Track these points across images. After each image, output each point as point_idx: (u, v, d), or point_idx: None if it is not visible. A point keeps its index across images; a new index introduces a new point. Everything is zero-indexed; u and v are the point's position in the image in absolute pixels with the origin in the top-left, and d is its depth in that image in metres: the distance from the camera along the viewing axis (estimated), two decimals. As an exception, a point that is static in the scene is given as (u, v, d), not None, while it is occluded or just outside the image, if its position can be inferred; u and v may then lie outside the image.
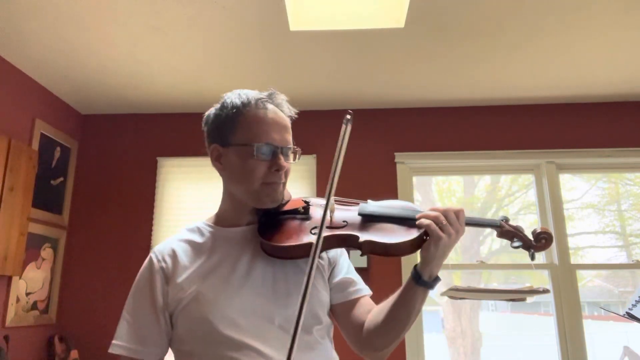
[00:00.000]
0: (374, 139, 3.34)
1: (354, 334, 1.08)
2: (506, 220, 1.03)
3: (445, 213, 0.97)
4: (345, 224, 1.03)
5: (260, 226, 1.08)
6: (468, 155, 3.28)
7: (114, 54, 2.66)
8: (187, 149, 3.33)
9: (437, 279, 0.99)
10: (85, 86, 3.05)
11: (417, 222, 0.98)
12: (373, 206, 1.07)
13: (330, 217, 1.05)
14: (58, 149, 3.18)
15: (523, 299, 2.83)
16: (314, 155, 3.28)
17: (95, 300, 3.13)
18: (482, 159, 3.28)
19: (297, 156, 1.12)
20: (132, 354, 1.03)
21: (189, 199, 3.27)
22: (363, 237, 0.99)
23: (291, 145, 1.10)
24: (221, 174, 1.12)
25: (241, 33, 2.47)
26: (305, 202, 1.11)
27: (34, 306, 2.94)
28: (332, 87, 3.08)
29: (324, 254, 1.12)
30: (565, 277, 3.05)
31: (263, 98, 1.09)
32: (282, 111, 1.11)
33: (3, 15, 2.31)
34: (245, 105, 1.07)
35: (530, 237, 1.03)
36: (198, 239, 1.10)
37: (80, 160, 3.39)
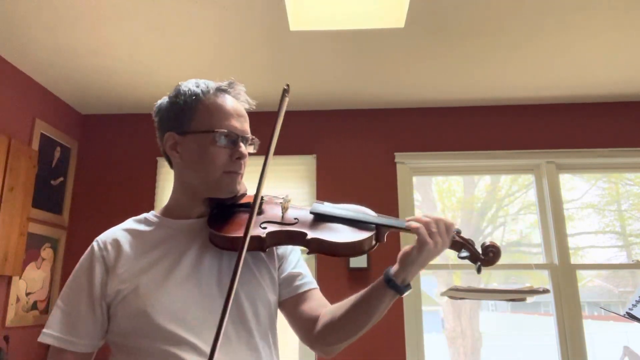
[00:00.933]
0: (374, 139, 3.34)
1: (304, 328, 1.05)
2: (458, 232, 1.02)
3: (436, 221, 0.95)
4: (296, 221, 1.03)
5: (210, 218, 1.06)
6: (468, 155, 3.28)
7: (114, 54, 2.66)
8: (187, 149, 3.32)
9: (408, 286, 0.97)
10: (85, 86, 3.05)
11: (406, 224, 0.97)
12: (326, 206, 1.06)
13: (283, 213, 1.05)
14: (58, 149, 3.18)
15: (523, 299, 2.83)
16: (314, 155, 3.28)
17: (95, 300, 3.13)
18: (482, 159, 3.28)
19: (255, 147, 1.10)
20: (63, 344, 0.99)
21: (189, 199, 3.26)
22: (311, 234, 0.98)
23: (249, 135, 1.08)
24: (176, 164, 1.10)
25: (241, 33, 2.47)
26: (261, 197, 1.09)
27: (34, 306, 2.94)
28: (332, 87, 3.08)
29: (274, 251, 1.10)
30: (565, 277, 3.05)
31: (222, 87, 1.09)
32: (240, 102, 1.10)
33: (3, 16, 2.31)
34: (205, 92, 1.06)
35: (479, 250, 1.02)
36: (144, 229, 1.07)
37: (80, 160, 3.39)
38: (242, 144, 1.04)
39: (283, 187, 3.23)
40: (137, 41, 2.54)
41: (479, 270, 1.01)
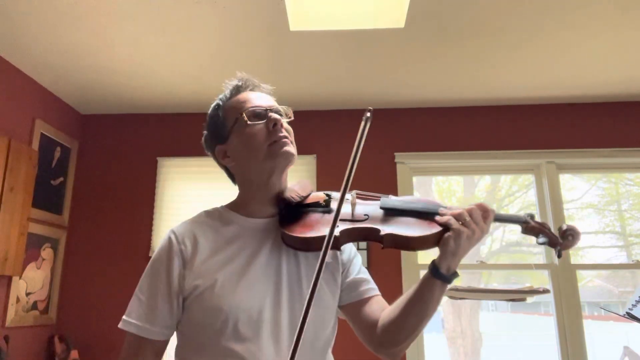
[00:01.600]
0: (374, 139, 3.33)
1: (368, 332, 1.07)
2: (532, 217, 1.02)
3: (470, 211, 0.97)
4: (366, 217, 1.03)
5: (281, 218, 1.07)
6: (468, 155, 3.28)
7: (114, 54, 2.66)
8: (187, 149, 3.33)
9: (455, 274, 0.98)
10: (85, 86, 3.05)
11: (436, 217, 0.98)
12: (395, 200, 1.06)
13: (352, 210, 1.04)
14: (58, 149, 3.18)
15: (523, 299, 2.83)
16: (314, 155, 3.28)
17: (95, 300, 3.13)
18: (482, 159, 3.28)
19: (290, 114, 1.14)
20: (142, 332, 1.02)
21: (189, 199, 3.27)
22: (385, 230, 0.98)
23: (278, 106, 1.12)
24: (233, 168, 1.13)
25: (241, 33, 2.47)
26: (327, 195, 1.11)
27: (34, 306, 2.94)
28: (332, 87, 3.08)
29: (338, 257, 1.12)
30: (565, 277, 3.05)
31: (236, 85, 1.16)
32: (259, 90, 1.17)
33: (3, 16, 2.31)
34: (224, 99, 1.14)
35: (557, 233, 1.02)
36: (220, 225, 1.09)
37: (80, 160, 3.39)
38: (271, 114, 1.08)
39: (283, 187, 3.23)
40: (137, 41, 2.54)
41: (559, 255, 1.01)
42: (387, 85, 3.07)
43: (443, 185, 4.13)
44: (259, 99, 1.11)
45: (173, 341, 1.07)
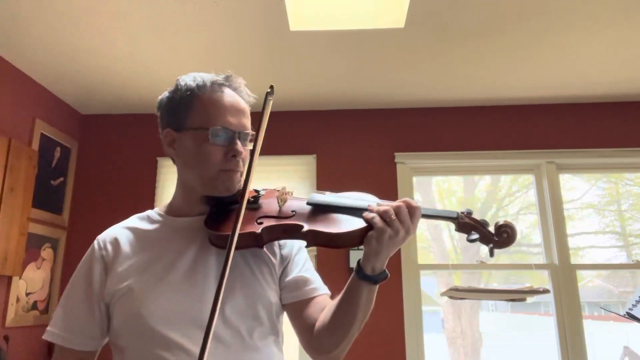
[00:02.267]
0: (374, 139, 3.34)
1: (303, 336, 1.02)
2: (468, 213, 0.95)
3: (396, 209, 0.90)
4: (293, 214, 0.98)
5: (208, 216, 1.02)
6: (468, 155, 3.28)
7: (114, 54, 2.66)
8: (187, 149, 3.32)
9: (382, 274, 0.93)
10: (85, 86, 3.05)
11: (364, 214, 0.92)
12: (324, 196, 1.00)
13: (280, 206, 1.00)
14: (58, 149, 3.18)
15: (523, 299, 2.83)
16: (314, 155, 3.28)
17: (95, 300, 3.13)
18: (482, 159, 3.28)
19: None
20: (64, 343, 0.99)
21: (189, 199, 3.27)
22: (307, 226, 0.93)
23: (249, 131, 1.04)
24: (175, 160, 1.07)
25: (241, 33, 2.47)
26: (256, 191, 1.06)
27: (34, 306, 2.94)
28: (332, 87, 3.08)
29: (277, 251, 1.06)
30: (565, 277, 3.05)
31: (219, 81, 1.04)
32: (240, 95, 1.06)
33: (3, 16, 2.32)
34: (201, 87, 1.02)
35: (492, 230, 0.94)
36: (145, 227, 1.06)
37: (80, 160, 3.39)
38: (238, 141, 1.01)
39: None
40: (137, 41, 2.54)
41: (491, 253, 0.93)
42: (387, 85, 3.07)
43: (443, 185, 4.13)
44: (235, 114, 1.02)
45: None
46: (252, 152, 0.90)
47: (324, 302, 1.04)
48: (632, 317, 2.51)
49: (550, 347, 3.05)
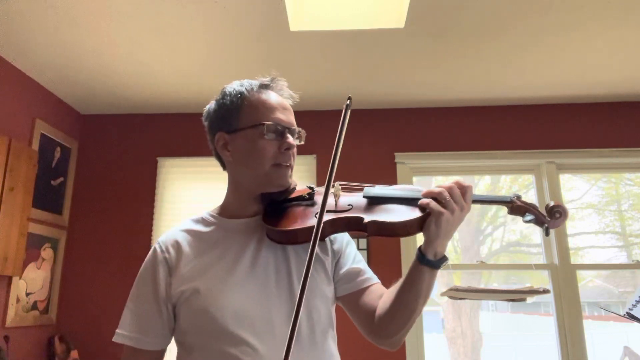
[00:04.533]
0: (374, 139, 3.34)
1: (365, 323, 1.06)
2: (518, 197, 1.00)
3: (449, 189, 0.94)
4: (350, 207, 1.02)
5: (265, 214, 1.07)
6: (468, 155, 3.28)
7: (114, 54, 2.66)
8: (187, 149, 3.33)
9: (443, 259, 0.96)
10: (85, 86, 3.05)
11: (419, 202, 0.96)
12: (378, 189, 1.05)
13: (336, 201, 1.04)
14: (58, 149, 3.18)
15: (523, 299, 2.83)
16: (314, 155, 3.28)
17: (96, 300, 3.13)
18: (482, 159, 3.28)
19: (302, 139, 1.12)
20: (135, 343, 1.03)
21: (189, 199, 3.27)
22: (367, 218, 0.97)
23: (296, 127, 1.10)
24: (227, 162, 1.11)
25: (241, 33, 2.47)
26: (310, 188, 1.11)
27: (34, 306, 2.94)
28: (332, 87, 3.08)
29: (328, 246, 1.10)
30: (565, 277, 3.05)
31: (265, 82, 1.12)
32: (284, 96, 1.13)
33: (3, 16, 2.31)
34: (249, 90, 1.10)
35: (544, 212, 0.99)
36: (202, 229, 1.10)
37: (80, 160, 3.39)
38: (289, 136, 1.06)
39: (283, 187, 3.23)
40: (137, 41, 2.54)
41: (547, 233, 0.99)
42: (387, 85, 3.07)
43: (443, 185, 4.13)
44: (283, 112, 1.09)
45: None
46: (334, 155, 0.93)
47: (379, 290, 1.08)
48: (632, 317, 2.51)
49: (550, 347, 3.06)
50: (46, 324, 3.04)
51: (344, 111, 0.95)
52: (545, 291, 2.87)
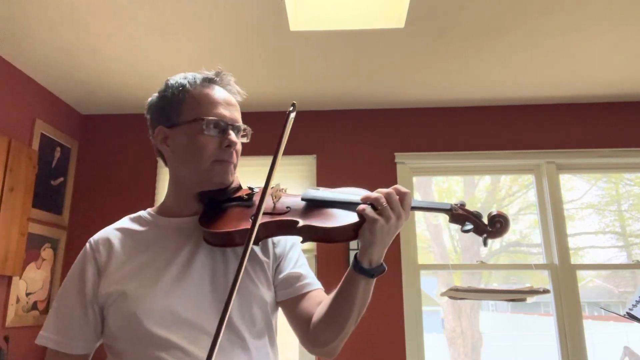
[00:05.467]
0: (374, 139, 3.34)
1: (301, 330, 1.02)
2: (462, 205, 0.95)
3: (387, 195, 0.89)
4: (287, 210, 0.98)
5: (202, 215, 1.02)
6: (468, 155, 3.28)
7: (114, 54, 2.66)
8: (187, 149, 3.33)
9: (379, 267, 0.91)
10: (85, 86, 3.05)
11: (359, 207, 0.91)
12: (318, 191, 1.00)
13: (274, 203, 0.99)
14: (58, 149, 3.18)
15: (523, 299, 2.83)
16: (314, 156, 3.28)
17: (95, 300, 3.13)
18: (482, 159, 3.28)
19: (248, 137, 1.08)
20: (57, 346, 0.98)
21: (189, 199, 3.26)
22: (303, 222, 0.93)
23: (240, 124, 1.05)
24: (167, 158, 1.06)
25: (241, 33, 2.47)
26: (250, 189, 1.06)
27: (34, 306, 2.94)
28: (332, 87, 3.08)
29: (270, 249, 1.06)
30: (565, 277, 3.05)
31: (209, 77, 1.07)
32: (231, 92, 1.08)
33: (3, 16, 2.31)
34: (192, 83, 1.05)
35: (485, 221, 0.94)
36: (137, 228, 1.05)
37: (80, 160, 3.39)
38: (231, 132, 1.02)
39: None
40: (137, 41, 2.54)
41: (485, 243, 0.93)
42: (387, 85, 3.07)
43: (443, 185, 4.13)
44: (227, 107, 1.03)
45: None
46: (275, 157, 0.90)
47: (318, 297, 1.04)
48: (632, 317, 2.51)
49: (550, 347, 3.05)
50: (46, 324, 3.03)
51: (287, 116, 0.93)
52: (545, 291, 2.87)
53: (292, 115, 0.94)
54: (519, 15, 2.32)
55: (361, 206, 0.90)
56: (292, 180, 3.28)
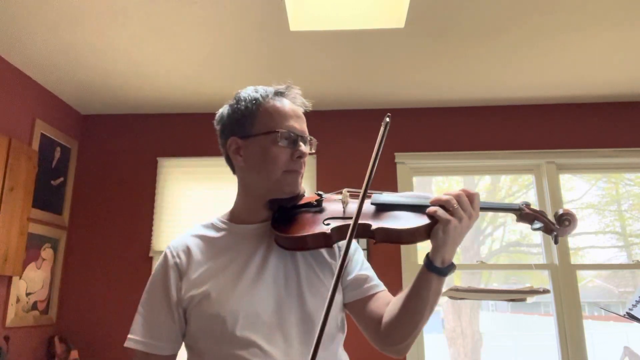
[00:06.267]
0: (374, 139, 3.32)
1: (372, 330, 1.06)
2: (527, 205, 1.00)
3: (457, 197, 0.94)
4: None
5: (274, 220, 1.08)
6: (468, 155, 3.28)
7: (114, 54, 2.66)
8: (187, 149, 3.33)
9: (451, 266, 0.96)
10: (85, 86, 3.05)
11: (427, 210, 0.96)
12: (387, 195, 1.06)
13: (344, 208, 1.06)
14: (58, 149, 3.18)
15: (523, 299, 2.83)
16: (314, 156, 3.28)
17: (95, 300, 3.13)
18: (482, 159, 3.28)
19: (314, 147, 1.15)
20: (147, 349, 1.04)
21: (189, 200, 3.27)
22: (375, 224, 0.98)
23: (308, 135, 1.12)
24: (239, 168, 1.12)
25: (241, 33, 2.47)
26: (319, 195, 1.12)
27: (34, 306, 2.94)
28: (332, 87, 3.08)
29: (336, 253, 1.12)
30: (565, 277, 3.05)
31: (280, 90, 1.13)
32: (296, 103, 1.14)
33: (3, 16, 2.31)
34: (264, 97, 1.10)
35: (552, 219, 0.99)
36: (213, 234, 1.11)
37: (80, 160, 3.39)
38: (302, 144, 1.08)
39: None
40: (137, 41, 2.54)
41: (555, 241, 0.98)
42: (387, 85, 3.07)
43: (443, 185, 4.13)
44: (297, 120, 1.10)
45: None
46: (373, 165, 0.94)
47: (386, 298, 1.09)
48: (632, 317, 2.50)
49: (550, 347, 3.06)
50: (46, 324, 3.04)
51: (382, 128, 0.97)
52: (545, 291, 2.86)
53: (388, 125, 0.98)
54: (518, 15, 2.32)
55: (432, 208, 0.94)
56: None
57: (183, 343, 1.08)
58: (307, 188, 3.25)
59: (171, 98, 3.22)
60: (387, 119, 0.97)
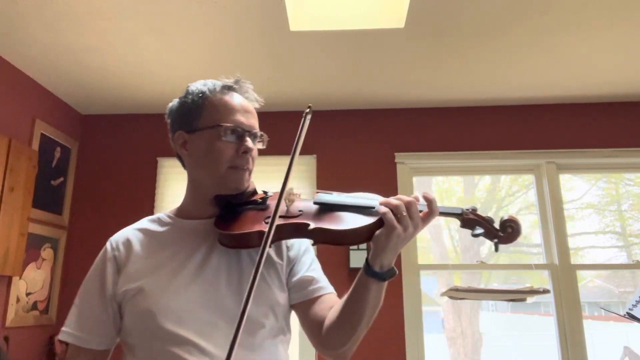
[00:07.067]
0: (374, 139, 3.34)
1: (313, 333, 1.04)
2: (473, 209, 0.94)
3: (408, 204, 0.89)
4: (300, 213, 1.00)
5: (218, 217, 1.05)
6: (468, 155, 3.28)
7: (114, 54, 2.66)
8: (187, 149, 3.33)
9: (390, 271, 0.93)
10: (85, 86, 3.05)
11: (375, 208, 0.92)
12: (330, 195, 1.02)
13: (287, 206, 1.02)
14: (58, 149, 3.18)
15: (523, 299, 2.83)
16: (314, 156, 3.28)
17: (95, 300, 3.13)
18: (482, 159, 3.28)
19: (264, 143, 1.11)
20: (78, 342, 1.02)
21: (189, 199, 3.27)
22: (314, 224, 0.95)
23: (257, 131, 1.09)
24: (186, 162, 1.11)
25: (241, 33, 2.47)
26: (265, 192, 1.09)
27: (34, 306, 2.94)
28: (332, 87, 3.08)
29: (284, 252, 1.09)
30: (565, 277, 3.05)
31: (229, 84, 1.10)
32: (248, 99, 1.11)
33: (3, 15, 2.31)
34: (212, 90, 1.09)
35: (496, 226, 0.93)
36: (156, 229, 1.09)
37: (80, 160, 3.39)
38: (248, 139, 1.06)
39: (283, 187, 3.22)
40: (137, 41, 2.54)
41: (496, 248, 0.93)
42: (387, 85, 3.07)
43: (443, 185, 4.13)
44: (245, 114, 1.07)
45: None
46: (291, 161, 0.92)
47: (331, 301, 1.06)
48: (632, 317, 2.51)
49: (550, 347, 3.05)
50: (46, 324, 3.03)
51: (303, 119, 0.94)
52: (545, 291, 2.87)
53: (308, 117, 0.96)
54: (518, 15, 2.32)
55: (382, 209, 0.90)
56: (292, 180, 3.28)
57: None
58: (307, 188, 3.25)
59: (171, 98, 3.19)
60: (308, 109, 0.94)
